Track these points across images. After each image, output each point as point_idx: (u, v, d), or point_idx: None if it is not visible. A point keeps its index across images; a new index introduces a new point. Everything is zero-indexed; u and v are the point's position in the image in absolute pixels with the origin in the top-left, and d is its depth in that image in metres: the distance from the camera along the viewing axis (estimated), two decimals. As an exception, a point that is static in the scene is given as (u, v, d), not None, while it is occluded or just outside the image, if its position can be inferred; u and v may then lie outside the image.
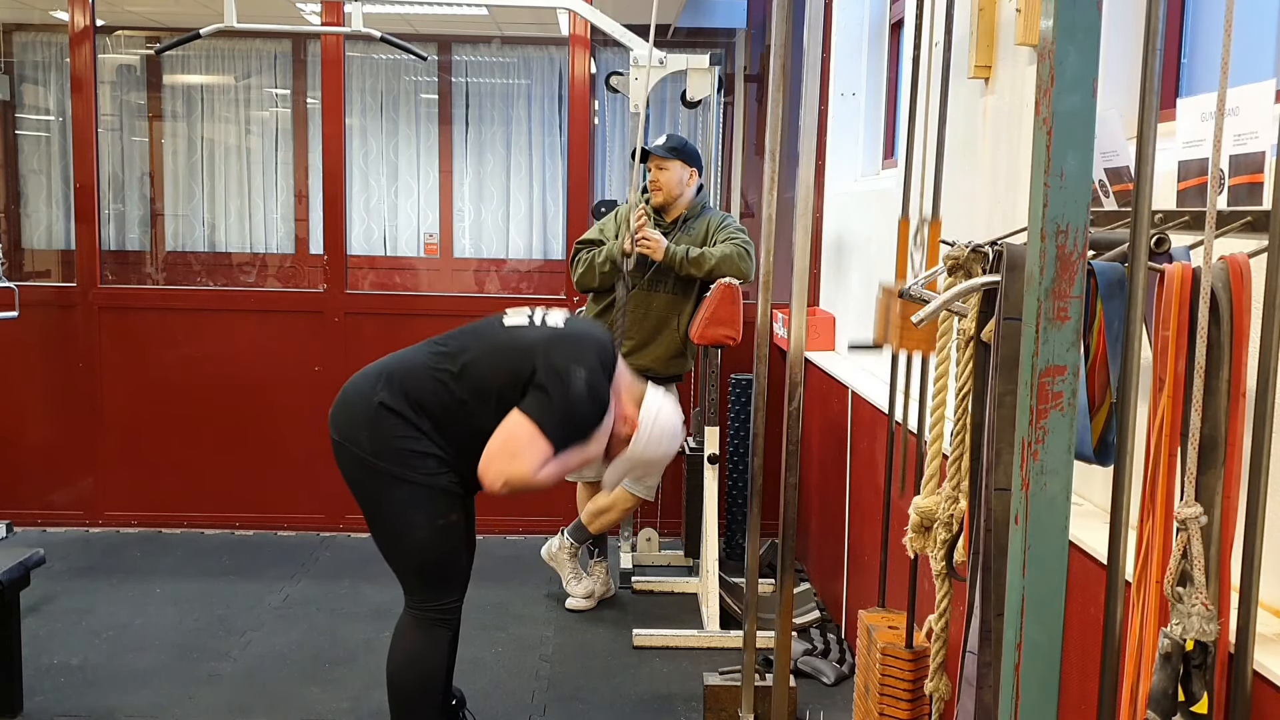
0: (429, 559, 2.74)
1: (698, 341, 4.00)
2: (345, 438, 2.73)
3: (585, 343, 2.76)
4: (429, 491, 2.69)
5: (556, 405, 2.62)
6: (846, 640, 3.90)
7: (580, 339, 2.78)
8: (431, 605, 2.78)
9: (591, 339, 2.81)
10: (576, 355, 2.69)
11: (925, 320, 1.91)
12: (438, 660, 2.81)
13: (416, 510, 2.69)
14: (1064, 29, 1.23)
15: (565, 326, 2.81)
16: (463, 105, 8.07)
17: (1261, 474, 1.44)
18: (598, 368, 2.71)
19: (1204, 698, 1.38)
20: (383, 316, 5.09)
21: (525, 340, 2.74)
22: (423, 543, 2.71)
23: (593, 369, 2.69)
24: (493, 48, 7.99)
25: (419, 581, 2.77)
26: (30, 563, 3.29)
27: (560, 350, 2.69)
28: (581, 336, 2.79)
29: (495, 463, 2.62)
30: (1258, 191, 1.57)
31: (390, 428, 2.68)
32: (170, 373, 5.03)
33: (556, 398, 2.62)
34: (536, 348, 2.69)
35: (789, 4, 2.67)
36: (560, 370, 2.64)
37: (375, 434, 2.69)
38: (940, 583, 2.14)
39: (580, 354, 2.70)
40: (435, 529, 2.70)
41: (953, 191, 2.78)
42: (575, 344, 2.74)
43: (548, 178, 8.02)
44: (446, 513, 2.71)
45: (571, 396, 2.63)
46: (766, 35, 6.04)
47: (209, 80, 7.98)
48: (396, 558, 2.78)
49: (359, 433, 2.70)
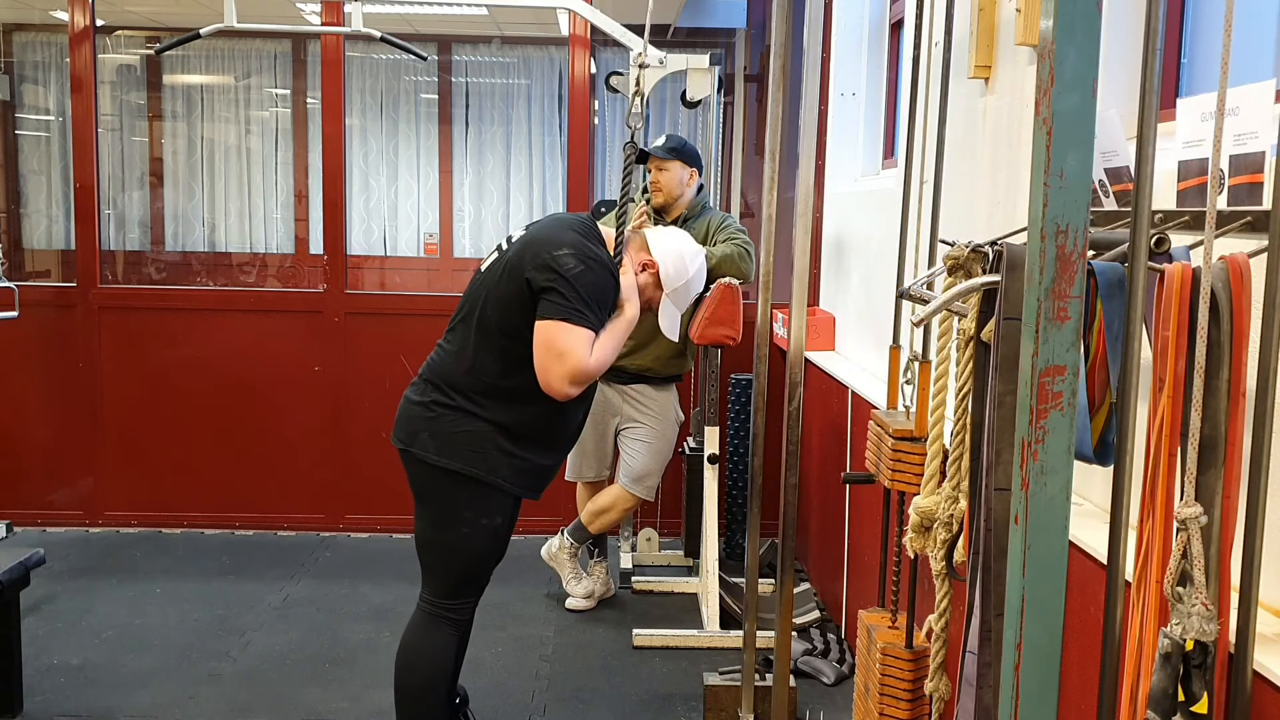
0: (467, 558, 2.77)
1: (698, 341, 4.00)
2: (410, 444, 2.75)
3: (555, 229, 2.77)
4: (484, 489, 2.71)
5: (564, 293, 2.62)
6: (846, 640, 3.90)
7: (548, 228, 2.79)
8: (449, 604, 2.80)
9: (558, 221, 2.83)
10: (553, 243, 2.69)
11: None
12: (446, 660, 2.83)
13: (468, 508, 2.72)
14: (1064, 29, 1.23)
15: (529, 231, 2.83)
16: (463, 105, 8.07)
17: (1261, 474, 1.44)
18: (579, 240, 2.71)
19: (1204, 698, 1.38)
20: (383, 316, 5.09)
21: (504, 266, 2.74)
22: (466, 540, 2.74)
23: (574, 243, 2.69)
24: (493, 48, 8.00)
25: (448, 579, 2.79)
26: (30, 563, 3.29)
27: (535, 249, 2.69)
28: (548, 226, 2.81)
29: (548, 370, 2.61)
30: (1258, 191, 1.57)
31: (448, 423, 2.70)
32: (170, 373, 5.03)
33: (559, 286, 2.62)
34: (516, 265, 2.70)
35: (789, 4, 2.67)
36: (546, 263, 2.64)
37: (435, 431, 2.70)
38: (940, 583, 2.14)
39: (555, 239, 2.70)
40: (480, 529, 2.73)
41: (953, 191, 2.78)
42: (546, 235, 2.74)
43: (548, 177, 8.02)
44: (494, 514, 2.74)
45: (571, 276, 2.63)
46: (766, 35, 6.04)
47: (209, 80, 7.98)
48: (434, 552, 2.80)
49: (421, 435, 2.72)
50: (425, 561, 2.82)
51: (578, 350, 2.60)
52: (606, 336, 2.69)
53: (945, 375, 2.21)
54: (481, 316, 2.73)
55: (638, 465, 4.16)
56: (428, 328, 4.97)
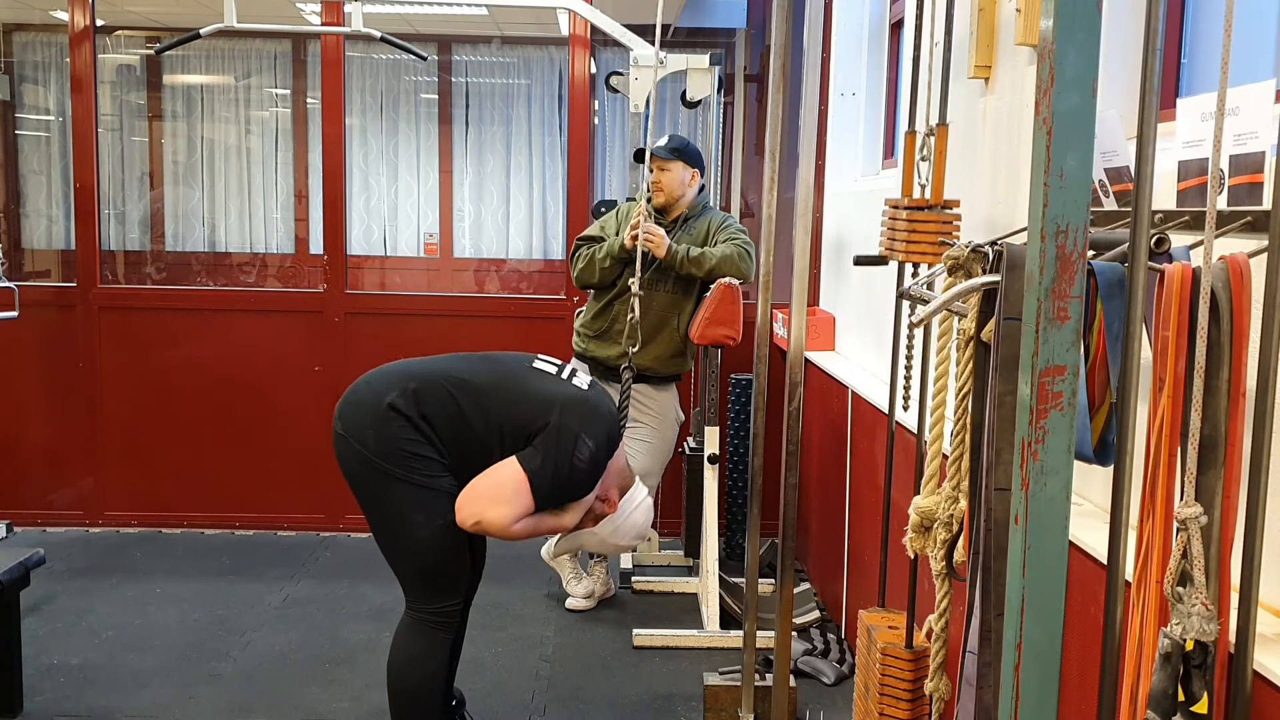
0: (429, 560, 2.74)
1: (698, 341, 4.00)
2: (350, 433, 2.73)
3: (600, 415, 2.77)
4: (430, 493, 2.68)
5: (554, 467, 2.65)
6: (846, 640, 3.90)
7: (597, 409, 2.78)
8: (430, 608, 2.77)
9: (608, 413, 2.82)
10: (590, 425, 2.71)
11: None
12: (437, 663, 2.80)
13: (417, 511, 2.69)
14: (1064, 29, 1.23)
15: (588, 390, 2.82)
16: (463, 105, 8.07)
17: (1261, 474, 1.44)
18: (604, 443, 2.74)
19: (1204, 698, 1.38)
20: (383, 316, 5.09)
21: (546, 391, 2.75)
22: (424, 543, 2.71)
23: (599, 443, 2.71)
24: (493, 48, 8.00)
25: (420, 583, 2.77)
26: (30, 563, 3.29)
27: (576, 415, 2.71)
28: (598, 407, 2.80)
29: (476, 502, 2.65)
30: (1258, 191, 1.57)
31: (397, 430, 2.68)
32: (170, 373, 5.03)
33: (557, 460, 2.65)
34: (555, 403, 2.71)
35: (789, 4, 2.67)
36: (570, 434, 2.66)
37: (381, 434, 2.69)
38: (940, 583, 2.14)
39: (593, 425, 2.72)
40: (435, 530, 2.69)
41: (953, 192, 2.77)
42: (591, 413, 2.75)
43: (548, 178, 8.02)
44: (446, 513, 2.70)
45: (571, 464, 2.67)
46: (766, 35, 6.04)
47: (209, 80, 7.98)
48: (397, 558, 2.78)
49: (365, 431, 2.71)
50: (393, 568, 2.81)
51: (511, 512, 2.64)
52: (532, 520, 2.71)
53: (945, 375, 2.21)
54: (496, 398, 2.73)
55: (638, 465, 4.15)
56: (428, 328, 5.00)
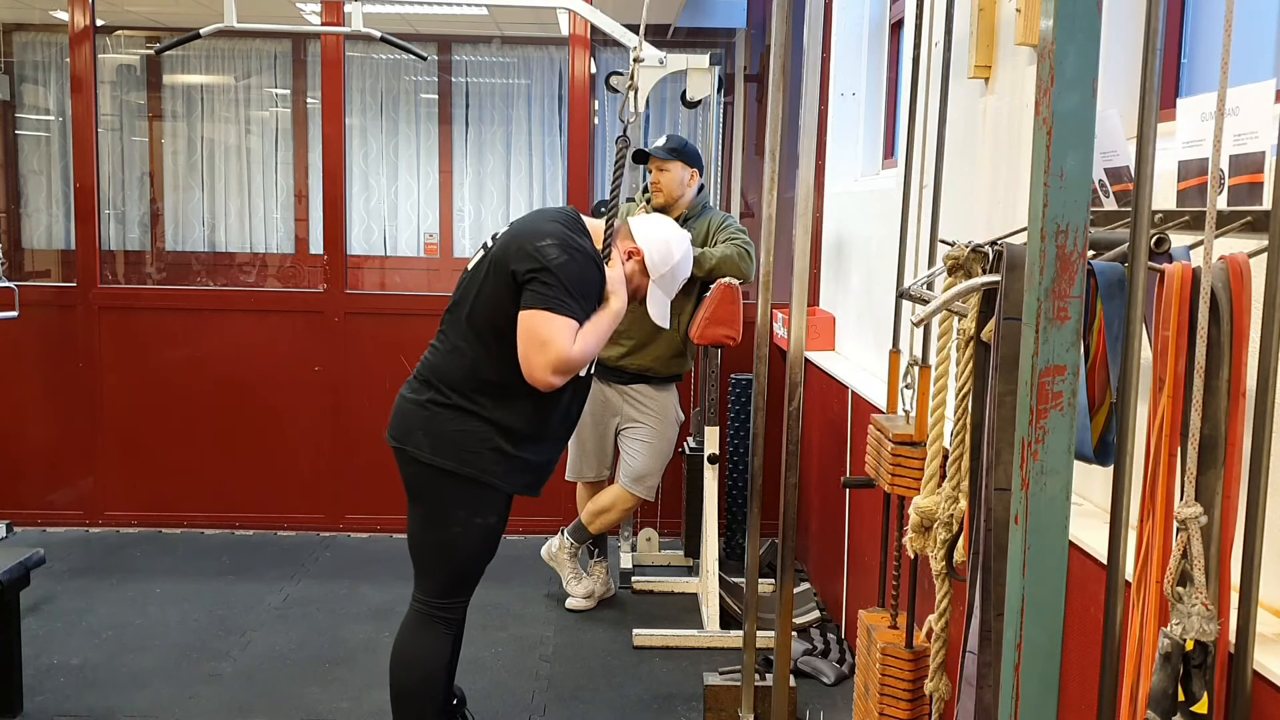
0: (458, 558, 2.77)
1: (698, 341, 4.00)
2: (404, 441, 2.74)
3: (538, 221, 2.77)
4: (478, 489, 2.71)
5: (547, 282, 2.61)
6: (846, 640, 3.90)
7: (531, 221, 2.79)
8: (441, 603, 2.79)
9: (542, 214, 2.83)
10: (536, 234, 2.69)
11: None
12: (440, 660, 2.82)
13: (462, 507, 2.72)
14: (1064, 29, 1.23)
15: (513, 226, 2.83)
16: (463, 105, 8.07)
17: (1261, 474, 1.44)
18: (562, 230, 2.70)
19: (1204, 698, 1.38)
20: (383, 316, 5.09)
21: (489, 262, 2.74)
22: (459, 539, 2.74)
23: (557, 233, 2.68)
24: (493, 48, 8.00)
25: (440, 577, 2.79)
26: (30, 563, 3.29)
27: (519, 241, 2.70)
28: (531, 219, 2.81)
29: (531, 360, 2.60)
30: (1258, 191, 1.57)
31: (442, 421, 2.69)
32: (170, 373, 5.03)
33: (542, 276, 2.61)
34: (500, 259, 2.70)
35: (789, 4, 2.67)
36: (529, 254, 2.64)
37: (430, 429, 2.70)
38: (940, 583, 2.14)
39: (539, 230, 2.70)
40: (473, 528, 2.73)
41: (953, 191, 2.78)
42: (529, 228, 2.74)
43: (548, 177, 8.02)
44: (488, 513, 2.74)
45: (554, 266, 2.62)
46: (766, 35, 6.04)
47: (209, 80, 7.98)
48: (427, 551, 2.79)
49: (416, 433, 2.72)
50: (418, 560, 2.82)
51: (560, 339, 2.59)
52: (591, 326, 2.68)
53: (945, 375, 2.21)
54: (471, 313, 2.73)
55: (638, 465, 4.16)
56: (428, 328, 4.94)
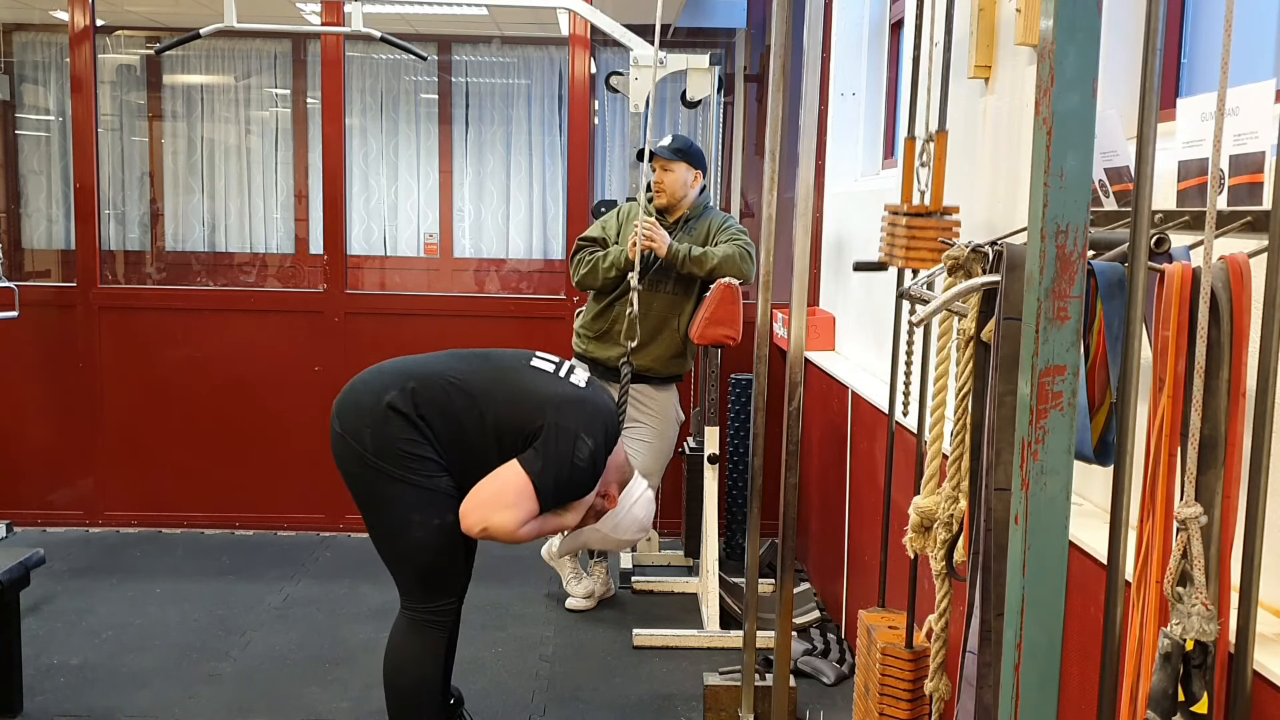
0: (425, 560, 2.74)
1: (698, 341, 4.00)
2: (348, 431, 2.73)
3: (598, 413, 2.78)
4: (427, 493, 2.68)
5: (555, 469, 2.66)
6: (846, 640, 3.90)
7: (594, 408, 2.79)
8: (427, 607, 2.77)
9: (605, 410, 2.83)
10: (587, 424, 2.71)
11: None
12: (434, 663, 2.80)
13: (414, 510, 2.69)
14: (1064, 29, 1.23)
15: (586, 388, 2.83)
16: (463, 105, 8.07)
17: (1261, 474, 1.44)
18: (602, 442, 2.75)
19: (1204, 698, 1.38)
20: (383, 316, 5.09)
21: (543, 390, 2.75)
22: (419, 543, 2.71)
23: (598, 442, 2.72)
24: (493, 48, 8.00)
25: (415, 582, 2.77)
26: (30, 563, 3.29)
27: (573, 414, 2.71)
28: (596, 405, 2.80)
29: (481, 509, 2.65)
30: (1258, 191, 1.57)
31: (395, 430, 2.68)
32: (170, 373, 5.03)
33: (558, 461, 2.66)
34: (551, 403, 2.72)
35: (789, 4, 2.67)
36: (568, 435, 2.67)
37: (378, 433, 2.69)
38: (940, 583, 2.14)
39: (591, 423, 2.73)
40: (432, 529, 2.69)
41: (953, 191, 2.77)
42: (589, 412, 2.75)
43: (548, 178, 8.02)
44: (444, 513, 2.70)
45: (572, 464, 2.67)
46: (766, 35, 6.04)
47: (209, 80, 7.98)
48: (393, 557, 2.78)
49: (363, 430, 2.71)
50: (389, 567, 2.80)
51: (517, 516, 2.65)
52: (538, 522, 2.72)
53: (945, 375, 2.21)
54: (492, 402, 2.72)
55: (638, 465, 4.14)
56: (428, 328, 5.00)
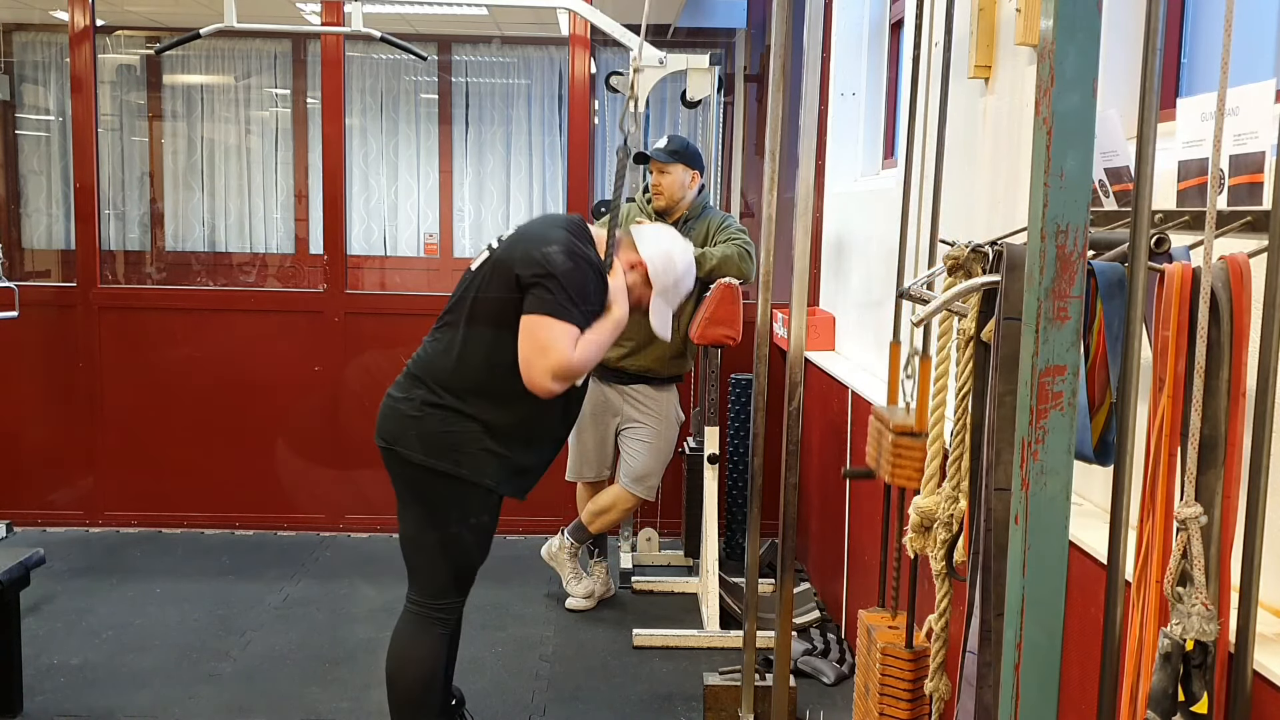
0: (454, 558, 2.76)
1: (697, 341, 4.00)
2: (394, 443, 2.73)
3: (544, 227, 2.80)
4: (472, 489, 2.70)
5: (551, 288, 2.62)
6: (846, 640, 3.90)
7: (537, 227, 2.82)
8: (435, 603, 2.79)
9: (548, 220, 2.87)
10: (542, 240, 2.70)
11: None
12: (437, 660, 2.81)
13: (455, 509, 2.72)
14: (1064, 29, 1.23)
15: (518, 230, 2.85)
16: (463, 105, 8.08)
17: (1261, 474, 1.44)
18: (567, 238, 2.72)
19: (1204, 698, 1.38)
20: (383, 316, 5.09)
21: (493, 264, 2.75)
22: (453, 540, 2.74)
23: (563, 240, 2.70)
24: (493, 48, 8.00)
25: (436, 579, 2.79)
26: (30, 563, 3.29)
27: (524, 246, 2.71)
28: (538, 224, 2.85)
29: (532, 365, 2.61)
30: (1258, 191, 1.57)
31: (434, 422, 2.69)
32: (170, 372, 5.03)
33: (546, 282, 2.62)
34: (505, 262, 2.71)
35: (789, 4, 2.67)
36: (535, 259, 2.65)
37: (421, 432, 2.70)
38: (940, 583, 2.14)
39: (545, 236, 2.72)
40: (466, 528, 2.73)
41: (953, 191, 2.78)
42: (536, 233, 2.76)
43: (548, 178, 8.02)
44: (481, 513, 2.73)
45: (559, 272, 2.63)
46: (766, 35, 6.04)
47: (209, 80, 7.98)
48: (422, 551, 2.79)
49: (407, 435, 2.71)
50: (412, 562, 2.81)
51: (561, 345, 2.60)
52: (593, 334, 2.69)
53: (945, 375, 2.21)
54: (471, 314, 2.73)
55: (638, 465, 4.16)
56: (428, 328, 4.96)
